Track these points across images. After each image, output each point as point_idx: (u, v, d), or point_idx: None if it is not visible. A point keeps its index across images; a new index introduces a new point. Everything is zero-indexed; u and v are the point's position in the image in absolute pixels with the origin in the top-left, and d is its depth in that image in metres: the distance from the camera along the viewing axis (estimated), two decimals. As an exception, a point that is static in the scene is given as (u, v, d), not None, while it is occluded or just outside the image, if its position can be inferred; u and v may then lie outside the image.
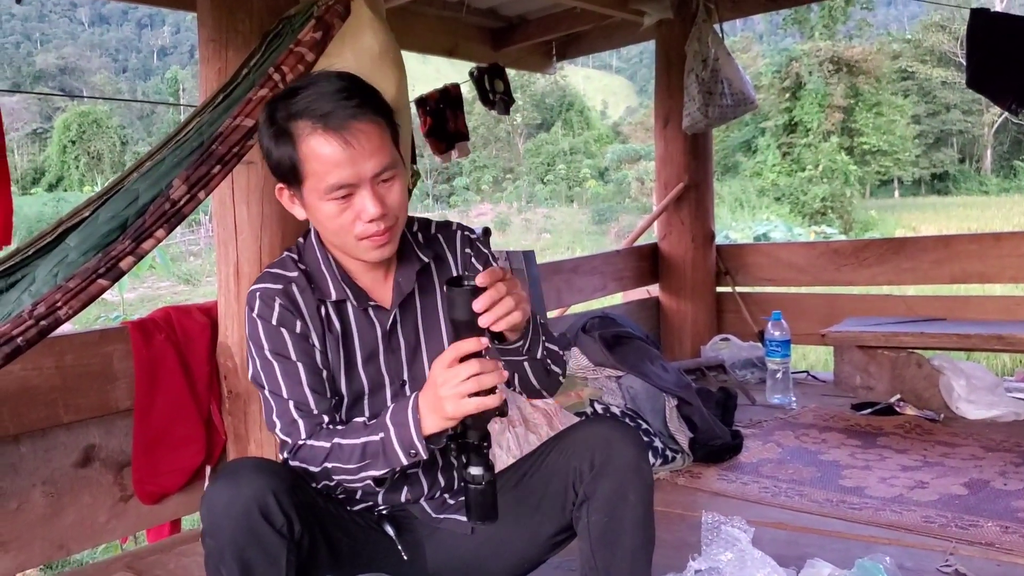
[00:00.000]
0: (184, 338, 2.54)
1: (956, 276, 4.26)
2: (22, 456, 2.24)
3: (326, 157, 1.36)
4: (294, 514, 1.33)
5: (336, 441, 1.42)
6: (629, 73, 79.20)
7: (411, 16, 4.26)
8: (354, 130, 1.36)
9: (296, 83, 1.45)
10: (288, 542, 1.33)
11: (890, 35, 40.26)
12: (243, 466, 1.37)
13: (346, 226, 1.42)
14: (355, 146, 1.36)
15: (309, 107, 1.37)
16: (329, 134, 1.36)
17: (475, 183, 37.57)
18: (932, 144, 35.78)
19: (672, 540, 2.23)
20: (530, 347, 1.46)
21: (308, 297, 1.51)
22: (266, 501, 1.30)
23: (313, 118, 1.36)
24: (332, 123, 1.36)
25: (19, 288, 1.75)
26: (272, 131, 1.42)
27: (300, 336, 1.49)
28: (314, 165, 1.38)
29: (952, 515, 2.39)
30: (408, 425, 1.36)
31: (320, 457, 1.43)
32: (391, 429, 1.37)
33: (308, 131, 1.37)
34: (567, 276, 4.40)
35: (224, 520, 1.31)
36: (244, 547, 1.30)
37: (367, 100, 1.40)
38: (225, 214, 2.48)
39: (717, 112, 4.23)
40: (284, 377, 1.48)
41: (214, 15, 2.40)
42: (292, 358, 1.48)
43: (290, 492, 1.34)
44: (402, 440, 1.36)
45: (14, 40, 72.56)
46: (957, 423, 3.35)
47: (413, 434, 1.35)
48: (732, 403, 3.45)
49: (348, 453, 1.40)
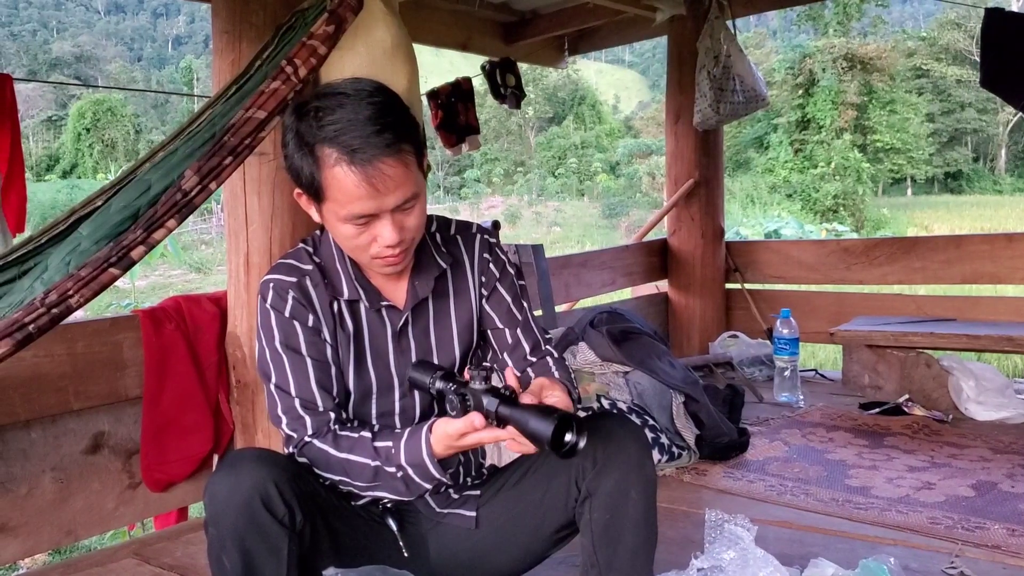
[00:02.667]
0: (194, 327, 2.56)
1: (967, 276, 4.24)
2: (32, 442, 2.26)
3: (349, 190, 1.34)
4: (296, 504, 1.34)
5: (344, 456, 1.44)
6: (642, 68, 78.99)
7: (424, 10, 4.26)
8: (380, 171, 1.33)
9: (327, 98, 1.38)
10: (290, 532, 1.34)
11: (905, 33, 40.04)
12: (245, 456, 1.38)
13: (362, 247, 1.43)
14: (379, 185, 1.34)
15: (338, 136, 1.33)
16: (353, 170, 1.33)
17: (486, 176, 37.56)
18: (946, 143, 35.58)
19: (676, 537, 2.24)
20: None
21: (321, 292, 1.52)
22: (268, 491, 1.31)
23: (340, 149, 1.33)
24: (358, 160, 1.33)
25: (32, 276, 1.76)
26: (296, 141, 1.39)
27: (312, 330, 1.50)
28: (336, 194, 1.36)
29: (959, 517, 2.39)
30: (426, 466, 1.39)
31: (325, 463, 1.45)
32: (409, 470, 1.40)
33: (334, 160, 1.34)
34: (576, 270, 4.40)
35: (226, 509, 1.32)
36: (245, 536, 1.31)
37: (398, 132, 1.36)
38: (236, 205, 2.49)
39: (728, 109, 4.22)
40: (293, 372, 1.49)
41: (228, 7, 2.41)
42: (302, 352, 1.49)
43: (292, 482, 1.35)
44: (424, 477, 1.41)
45: (31, 28, 72.82)
46: (965, 424, 3.34)
47: (433, 472, 1.40)
48: (739, 400, 3.45)
49: (358, 471, 1.43)
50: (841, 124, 28.89)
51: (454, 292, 1.61)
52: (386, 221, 1.39)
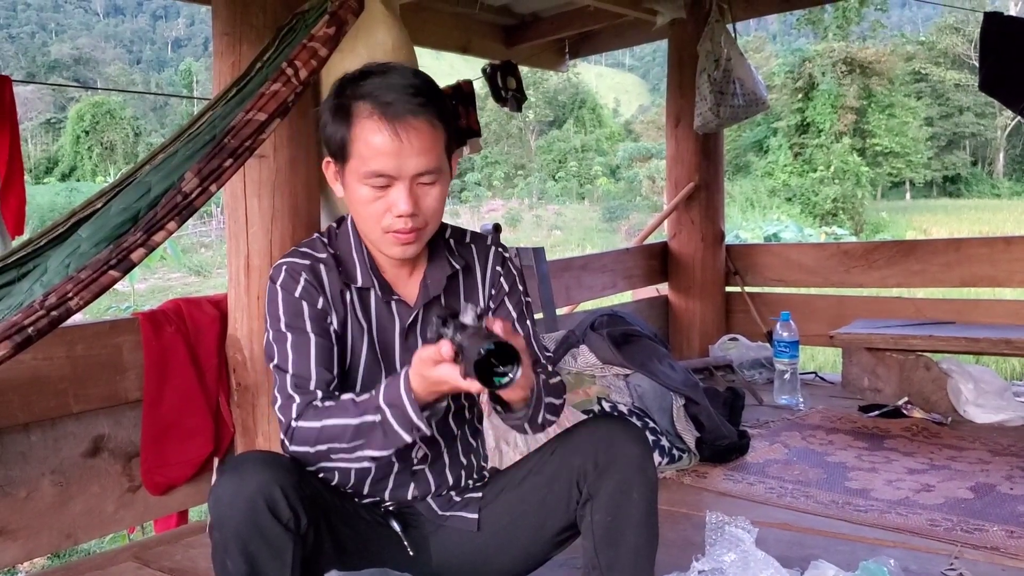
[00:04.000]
0: (194, 330, 2.56)
1: (966, 279, 4.25)
2: (32, 445, 2.26)
3: (375, 143, 1.39)
4: (301, 508, 1.34)
5: (327, 422, 1.39)
6: (642, 71, 79.02)
7: (424, 12, 4.26)
8: (408, 125, 1.38)
9: (371, 66, 1.46)
10: (294, 536, 1.33)
11: (904, 37, 40.07)
12: (250, 459, 1.38)
13: (376, 215, 1.43)
14: (404, 140, 1.38)
15: (374, 92, 1.40)
16: (383, 122, 1.38)
17: (486, 179, 37.57)
18: (944, 146, 35.61)
19: (677, 539, 2.24)
20: (532, 415, 1.46)
21: (334, 278, 1.52)
22: (272, 495, 1.31)
23: (374, 103, 1.39)
24: (389, 112, 1.38)
25: (31, 278, 1.76)
26: (334, 104, 1.44)
27: (320, 312, 1.49)
28: (361, 148, 1.40)
29: (958, 519, 2.39)
30: (404, 406, 1.33)
31: (312, 438, 1.40)
32: (387, 411, 1.35)
33: (366, 114, 1.40)
34: (576, 273, 4.41)
35: (230, 513, 1.31)
36: (249, 540, 1.31)
37: (432, 101, 1.42)
38: (237, 207, 2.49)
39: (729, 112, 4.23)
40: (293, 350, 1.47)
41: (228, 9, 2.41)
42: (307, 330, 1.48)
43: (297, 486, 1.34)
44: (402, 421, 1.34)
45: (29, 30, 72.81)
46: (964, 427, 3.34)
47: (412, 414, 1.33)
48: (739, 403, 3.45)
49: (341, 432, 1.38)
50: (840, 128, 28.94)
51: (465, 295, 1.60)
52: (402, 188, 1.41)
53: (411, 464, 1.60)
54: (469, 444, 1.68)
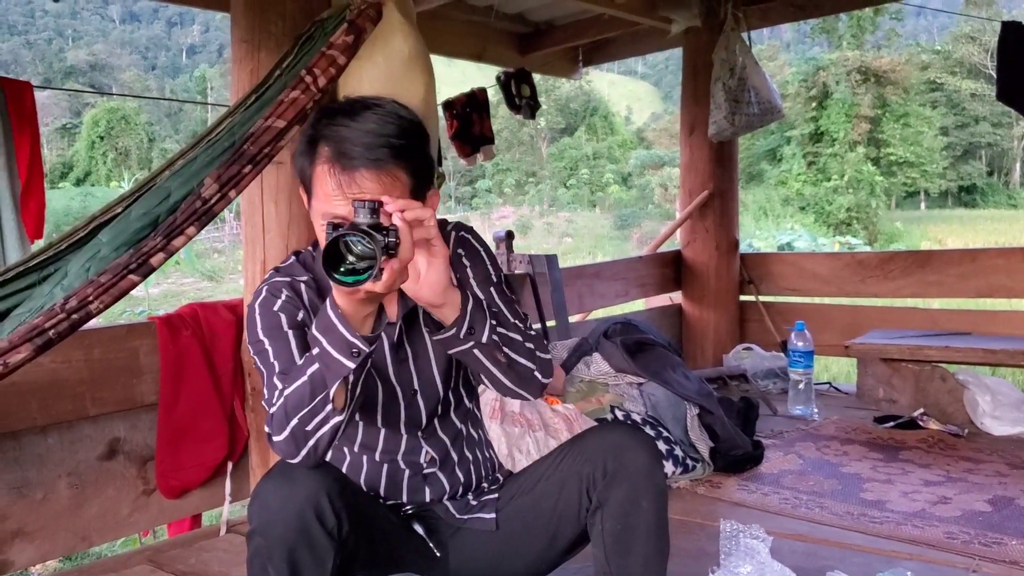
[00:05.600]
0: (210, 334, 2.57)
1: (982, 290, 4.22)
2: (49, 447, 2.27)
3: (327, 189, 1.37)
4: (344, 515, 1.34)
5: (287, 393, 1.35)
6: (655, 79, 79.03)
7: (440, 20, 4.28)
8: (356, 180, 1.35)
9: (349, 104, 1.43)
10: (336, 544, 1.33)
11: (919, 46, 39.99)
12: (297, 465, 1.37)
13: None
14: (352, 192, 1.35)
15: (335, 136, 1.37)
16: (336, 170, 1.36)
17: (497, 186, 37.63)
18: (960, 156, 35.48)
19: (691, 549, 2.23)
20: (472, 328, 1.39)
21: (314, 298, 1.51)
22: (320, 502, 1.31)
23: (332, 149, 1.37)
24: (343, 162, 1.35)
25: (51, 282, 1.77)
26: (304, 139, 1.44)
27: (299, 323, 1.47)
28: (318, 188, 1.40)
29: (975, 532, 2.37)
30: (336, 327, 1.28)
31: (284, 417, 1.35)
32: (322, 340, 1.29)
33: (323, 158, 1.38)
34: (589, 281, 4.40)
35: (278, 518, 1.31)
36: (295, 548, 1.31)
37: (395, 152, 1.37)
38: (253, 213, 2.51)
39: (743, 120, 4.22)
40: (274, 348, 1.45)
41: (247, 16, 2.42)
42: (284, 328, 1.46)
43: (342, 494, 1.35)
44: (339, 344, 1.28)
45: (46, 36, 73.40)
46: (981, 439, 3.31)
47: (344, 332, 1.27)
48: (753, 413, 3.44)
49: (300, 396, 1.33)
50: (854, 137, 28.86)
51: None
52: None
53: (421, 468, 1.61)
54: (473, 437, 1.69)
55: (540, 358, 1.50)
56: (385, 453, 1.61)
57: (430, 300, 1.35)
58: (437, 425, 1.63)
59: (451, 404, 1.64)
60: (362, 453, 1.62)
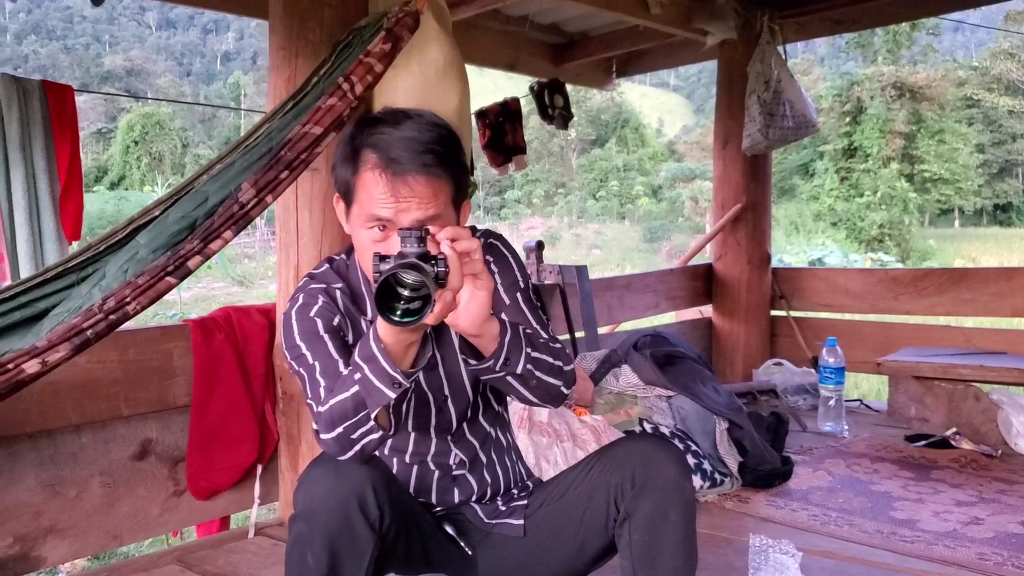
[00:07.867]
0: (243, 338, 2.59)
1: (1018, 309, 4.16)
2: (83, 446, 2.30)
3: (375, 194, 1.40)
4: (387, 510, 1.36)
5: (333, 402, 1.36)
6: (687, 91, 78.88)
7: (475, 30, 4.30)
8: (408, 183, 1.39)
9: (389, 114, 1.47)
10: (377, 537, 1.35)
11: (956, 62, 39.54)
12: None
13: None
14: (403, 195, 1.39)
15: (381, 144, 1.41)
16: (385, 176, 1.39)
17: (527, 196, 37.67)
18: (996, 174, 35.03)
19: (719, 564, 2.21)
20: (507, 360, 1.38)
21: (349, 305, 1.54)
22: (365, 494, 1.33)
23: (379, 155, 1.40)
24: (392, 167, 1.39)
25: (90, 282, 1.80)
26: (346, 149, 1.47)
27: (335, 327, 1.50)
28: (363, 195, 1.43)
29: (1008, 553, 2.33)
30: (378, 359, 1.28)
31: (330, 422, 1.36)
32: (364, 368, 1.30)
33: (370, 165, 1.41)
34: (619, 292, 4.39)
35: (322, 507, 1.32)
36: (337, 537, 1.32)
37: (440, 159, 1.42)
38: (288, 218, 2.53)
39: (778, 134, 4.21)
40: (311, 351, 1.46)
41: (285, 23, 2.45)
42: (320, 332, 1.48)
43: (387, 487, 1.37)
44: (379, 375, 1.29)
45: (84, 41, 74.67)
46: (1015, 460, 3.26)
47: (386, 365, 1.28)
48: (783, 428, 3.41)
49: (344, 407, 1.34)
50: (888, 153, 28.60)
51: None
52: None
53: (450, 470, 1.63)
54: (501, 442, 1.71)
55: (565, 373, 1.51)
56: (415, 455, 1.63)
57: (468, 331, 1.34)
58: (466, 428, 1.65)
59: (480, 408, 1.66)
60: (392, 455, 1.64)
